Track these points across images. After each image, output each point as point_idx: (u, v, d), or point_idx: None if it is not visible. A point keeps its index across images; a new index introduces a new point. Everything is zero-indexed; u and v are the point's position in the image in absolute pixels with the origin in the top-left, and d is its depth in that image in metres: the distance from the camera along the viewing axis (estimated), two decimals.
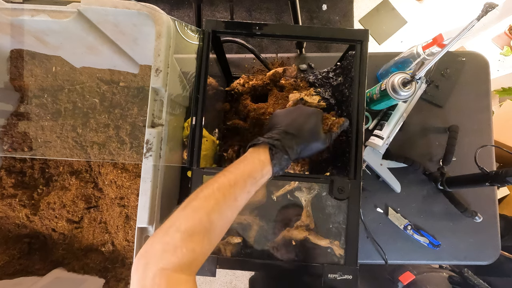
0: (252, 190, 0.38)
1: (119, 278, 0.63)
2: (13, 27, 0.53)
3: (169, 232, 0.32)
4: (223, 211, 0.35)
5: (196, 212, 0.33)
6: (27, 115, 0.64)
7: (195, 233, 0.32)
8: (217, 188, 0.35)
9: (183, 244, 0.31)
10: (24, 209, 0.66)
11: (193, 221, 0.33)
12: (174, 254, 0.31)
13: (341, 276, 0.45)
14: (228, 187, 0.36)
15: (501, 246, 0.73)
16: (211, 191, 0.35)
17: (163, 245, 0.31)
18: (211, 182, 0.36)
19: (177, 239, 0.31)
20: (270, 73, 0.64)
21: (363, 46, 0.50)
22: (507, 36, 1.57)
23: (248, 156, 0.40)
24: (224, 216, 0.35)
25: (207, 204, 0.34)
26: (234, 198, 0.35)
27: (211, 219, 0.33)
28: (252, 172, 0.38)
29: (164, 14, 0.48)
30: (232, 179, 0.36)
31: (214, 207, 0.34)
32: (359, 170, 0.47)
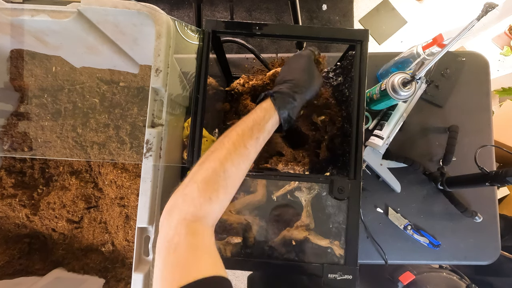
0: (261, 137, 0.40)
1: (119, 278, 0.63)
2: (13, 27, 0.53)
3: (188, 185, 0.35)
4: (235, 159, 0.37)
5: (210, 163, 0.36)
6: (27, 115, 0.64)
7: (210, 182, 0.35)
8: (226, 140, 0.38)
9: (200, 193, 0.34)
10: (24, 209, 0.66)
11: (207, 171, 0.35)
12: (192, 204, 0.34)
13: (341, 276, 0.45)
14: (236, 136, 0.38)
15: (501, 246, 0.73)
16: (222, 144, 0.38)
17: (183, 197, 0.34)
18: (221, 137, 0.39)
19: (194, 189, 0.34)
20: (270, 73, 0.64)
21: (363, 46, 0.50)
22: (507, 36, 1.57)
23: (254, 109, 0.43)
24: (236, 164, 0.37)
25: (219, 155, 0.37)
26: (243, 146, 0.38)
27: (224, 167, 0.36)
28: (256, 119, 0.40)
29: (164, 14, 0.48)
30: (239, 130, 0.39)
31: (226, 156, 0.36)
32: (359, 170, 0.47)
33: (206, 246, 0.33)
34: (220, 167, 0.36)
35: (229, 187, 0.37)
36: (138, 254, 0.47)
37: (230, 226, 0.48)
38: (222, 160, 0.36)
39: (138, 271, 0.46)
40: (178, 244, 0.31)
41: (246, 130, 0.39)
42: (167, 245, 0.32)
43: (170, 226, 0.33)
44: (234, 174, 0.37)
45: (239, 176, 0.38)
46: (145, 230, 0.48)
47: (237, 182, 0.38)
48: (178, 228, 0.32)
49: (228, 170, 0.36)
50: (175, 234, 0.32)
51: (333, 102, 0.61)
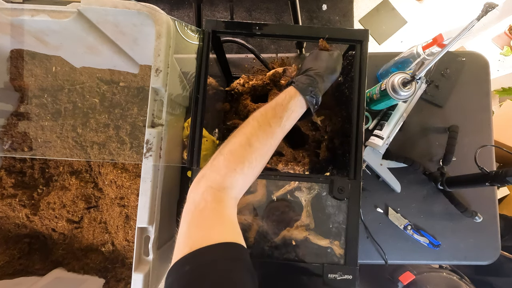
0: (284, 115, 0.41)
1: (119, 278, 0.63)
2: (13, 27, 0.53)
3: (216, 157, 0.38)
4: (259, 135, 0.39)
5: (237, 138, 0.39)
6: (27, 115, 0.64)
7: (235, 153, 0.37)
8: (251, 119, 0.41)
9: (225, 163, 0.37)
10: (24, 209, 0.66)
11: (233, 145, 0.38)
12: (218, 173, 0.36)
13: (341, 276, 0.45)
14: (260, 115, 0.41)
15: (501, 246, 0.73)
16: (247, 122, 0.40)
17: (211, 167, 0.37)
18: (248, 119, 0.42)
19: (221, 160, 0.37)
20: (270, 73, 0.64)
21: (363, 46, 0.50)
22: (507, 36, 1.57)
23: None
24: (261, 139, 0.39)
25: (245, 131, 0.39)
26: (267, 123, 0.40)
27: (249, 141, 0.38)
28: (278, 100, 0.42)
29: (164, 14, 0.48)
30: (262, 110, 0.41)
31: (251, 131, 0.39)
32: (359, 170, 0.47)
33: (229, 215, 0.35)
34: (245, 141, 0.38)
35: (254, 161, 0.38)
36: (138, 254, 0.47)
37: None
38: (248, 135, 0.39)
39: (138, 271, 0.46)
40: (204, 208, 0.34)
41: (269, 109, 0.41)
42: (193, 208, 0.35)
43: (197, 192, 0.36)
44: (259, 149, 0.38)
45: (265, 152, 0.39)
46: (145, 230, 0.48)
47: (262, 158, 0.39)
48: (205, 194, 0.35)
49: (254, 145, 0.38)
50: (201, 199, 0.35)
51: (333, 102, 0.61)
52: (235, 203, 0.37)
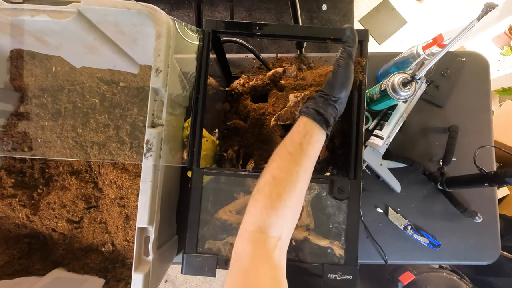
0: (303, 142, 0.40)
1: (119, 278, 0.63)
2: (13, 27, 0.53)
3: (249, 203, 0.38)
4: (281, 166, 0.39)
5: (261, 177, 0.39)
6: (27, 115, 0.64)
7: (261, 191, 0.37)
8: (274, 154, 0.41)
9: (253, 203, 0.37)
10: (24, 209, 0.66)
11: (259, 184, 0.39)
12: (250, 215, 0.37)
13: (341, 276, 0.45)
14: (279, 148, 0.41)
15: (501, 246, 0.73)
16: (271, 160, 0.40)
17: (247, 214, 0.38)
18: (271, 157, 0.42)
19: (251, 203, 0.38)
20: (270, 73, 0.64)
21: (363, 46, 0.50)
22: (507, 36, 1.57)
23: None
24: (285, 169, 0.38)
25: (268, 167, 0.40)
26: (287, 153, 0.39)
27: (273, 175, 0.38)
28: (294, 128, 0.42)
29: (164, 14, 0.48)
30: (282, 143, 0.41)
31: (273, 166, 0.39)
32: (359, 170, 0.47)
33: (266, 256, 0.34)
34: (269, 176, 0.38)
35: (284, 193, 0.37)
36: (138, 254, 0.47)
37: (230, 226, 0.48)
38: (270, 170, 0.39)
39: (138, 271, 0.46)
40: (239, 253, 0.35)
41: (287, 140, 0.41)
42: (233, 255, 0.35)
43: (238, 239, 0.36)
44: (284, 180, 0.37)
45: (292, 181, 0.38)
46: (145, 230, 0.48)
47: (292, 189, 0.38)
48: (241, 237, 0.36)
49: (278, 177, 0.37)
50: (238, 243, 0.36)
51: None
52: (275, 242, 0.35)
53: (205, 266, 0.46)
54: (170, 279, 1.54)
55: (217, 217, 0.48)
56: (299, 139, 0.40)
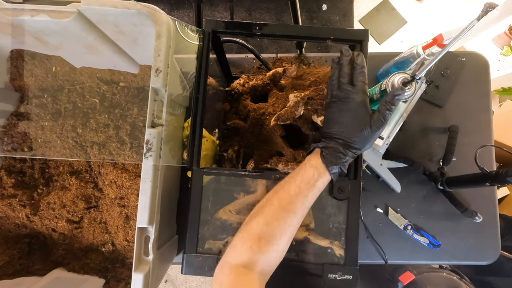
0: (309, 194, 0.39)
1: (119, 278, 0.63)
2: (13, 27, 0.53)
3: (234, 237, 0.39)
4: (279, 216, 0.38)
5: (255, 217, 0.39)
6: (27, 115, 0.64)
7: (250, 232, 0.38)
8: (274, 196, 0.39)
9: (242, 242, 0.38)
10: (24, 209, 0.66)
11: (250, 223, 0.38)
12: (235, 251, 0.38)
13: (341, 276, 0.45)
14: (283, 192, 0.39)
15: (501, 246, 0.73)
16: (266, 201, 0.40)
17: (230, 248, 0.39)
18: (270, 193, 0.41)
19: (237, 239, 0.38)
20: (270, 73, 0.64)
21: (363, 46, 0.50)
22: (507, 36, 1.57)
23: (303, 163, 0.42)
24: (282, 220, 0.38)
25: (264, 210, 0.39)
26: (290, 202, 0.38)
27: (267, 221, 0.38)
28: (305, 177, 0.39)
29: (164, 14, 0.48)
30: (286, 187, 0.39)
31: (270, 212, 0.38)
32: (359, 170, 0.47)
33: (248, 284, 0.35)
34: (263, 220, 0.38)
35: (273, 240, 0.37)
36: (138, 254, 0.47)
37: (230, 226, 0.48)
38: (266, 214, 0.38)
39: (138, 271, 0.46)
40: (222, 281, 0.36)
41: (293, 186, 0.39)
42: (213, 283, 0.36)
43: (219, 271, 0.38)
44: (277, 228, 0.37)
45: (284, 230, 0.38)
46: (145, 230, 0.48)
47: (282, 235, 0.38)
48: (223, 269, 0.37)
49: (271, 224, 0.37)
50: (220, 274, 0.37)
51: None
52: (258, 278, 0.36)
53: (205, 266, 0.46)
54: (170, 279, 1.54)
55: (217, 217, 0.48)
56: (307, 191, 0.38)
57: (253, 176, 0.48)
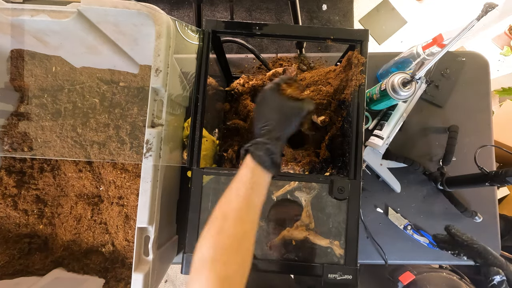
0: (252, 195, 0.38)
1: (119, 278, 0.63)
2: (13, 27, 0.53)
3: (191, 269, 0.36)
4: (227, 231, 0.36)
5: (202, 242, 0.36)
6: (27, 115, 0.64)
7: (202, 260, 0.34)
8: (218, 211, 0.38)
9: (194, 276, 0.34)
10: (24, 209, 0.66)
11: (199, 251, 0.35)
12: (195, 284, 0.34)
13: (341, 276, 0.45)
14: (226, 205, 0.38)
15: (501, 246, 0.73)
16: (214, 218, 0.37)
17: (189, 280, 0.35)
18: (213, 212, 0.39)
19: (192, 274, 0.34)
20: (270, 73, 0.64)
21: (363, 46, 0.50)
22: (507, 36, 1.57)
23: (239, 168, 0.42)
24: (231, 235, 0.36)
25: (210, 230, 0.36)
26: (233, 210, 0.37)
27: (215, 243, 0.35)
28: (240, 178, 0.39)
29: (164, 14, 0.48)
30: (227, 197, 0.39)
31: (215, 230, 0.36)
32: (359, 170, 0.47)
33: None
34: (208, 244, 0.35)
35: (227, 261, 0.34)
36: (138, 254, 0.47)
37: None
38: (213, 235, 0.36)
39: (138, 271, 0.46)
40: None
41: (233, 195, 0.38)
42: None
43: None
44: (228, 247, 0.35)
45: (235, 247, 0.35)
46: (145, 230, 0.48)
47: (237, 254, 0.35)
48: None
49: (219, 244, 0.35)
50: None
51: (334, 102, 0.61)
52: None
53: None
54: (170, 279, 1.54)
55: None
56: (245, 191, 0.38)
57: None
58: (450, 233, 0.56)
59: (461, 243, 0.54)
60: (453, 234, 0.55)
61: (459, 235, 0.54)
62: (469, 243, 0.53)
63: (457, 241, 0.55)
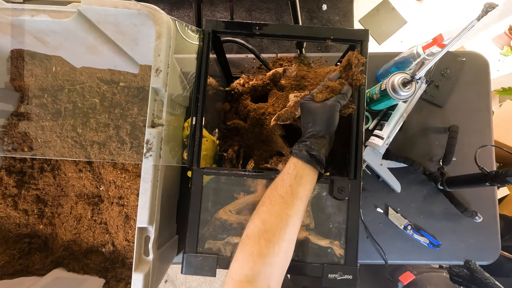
0: (293, 184, 0.40)
1: (119, 278, 0.63)
2: (13, 27, 0.53)
3: (237, 247, 0.38)
4: (272, 210, 0.38)
5: (251, 221, 0.38)
6: (27, 115, 0.64)
7: (249, 236, 0.37)
8: (264, 196, 0.40)
9: (241, 248, 0.36)
10: (24, 209, 0.66)
11: (247, 228, 0.38)
12: (237, 262, 0.36)
13: (341, 276, 0.45)
14: (270, 190, 0.40)
15: (501, 246, 0.73)
16: (261, 202, 0.40)
17: (233, 259, 0.37)
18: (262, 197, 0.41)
19: (239, 247, 0.37)
20: (270, 73, 0.64)
21: (363, 46, 0.50)
22: (507, 36, 1.57)
23: None
24: (276, 213, 0.37)
25: (258, 211, 0.39)
26: (278, 196, 0.39)
27: (263, 219, 0.37)
28: (285, 170, 0.42)
29: (164, 14, 0.48)
30: (272, 185, 0.41)
31: (263, 209, 0.38)
32: (359, 170, 0.47)
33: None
34: (258, 220, 0.37)
35: (273, 238, 0.35)
36: (138, 254, 0.47)
37: (230, 226, 0.48)
38: (260, 214, 0.38)
39: (138, 271, 0.46)
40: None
41: (278, 182, 0.41)
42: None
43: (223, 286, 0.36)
44: (274, 224, 0.36)
45: (282, 226, 0.37)
46: (145, 230, 0.48)
47: (281, 233, 0.36)
48: (227, 286, 0.35)
49: (267, 221, 0.37)
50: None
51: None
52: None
53: (205, 266, 0.46)
54: (170, 279, 1.54)
55: (217, 217, 0.48)
56: (290, 181, 0.40)
57: (253, 176, 0.48)
58: (469, 268, 0.54)
59: (480, 280, 0.52)
60: (473, 270, 0.54)
61: (479, 271, 0.53)
62: (489, 283, 0.51)
63: (475, 278, 0.53)
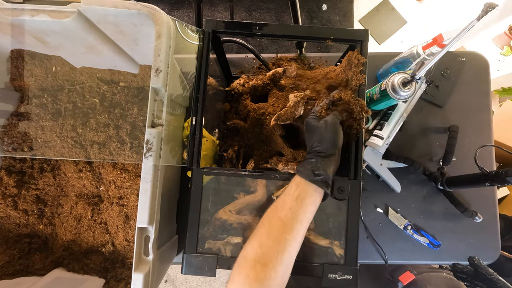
0: (294, 206, 0.39)
1: (119, 278, 0.63)
2: (13, 27, 0.53)
3: (232, 268, 0.37)
4: (271, 233, 0.37)
5: (248, 242, 0.38)
6: (27, 115, 0.64)
7: (245, 258, 0.36)
8: (264, 217, 0.40)
9: (237, 272, 0.36)
10: (24, 209, 0.66)
11: (244, 249, 0.38)
12: (233, 283, 0.35)
13: (341, 276, 0.45)
14: (270, 210, 0.40)
15: (501, 246, 0.73)
16: (260, 223, 0.39)
17: (229, 280, 0.36)
18: (262, 217, 0.41)
19: (234, 268, 0.37)
20: (270, 73, 0.64)
21: (363, 46, 0.50)
22: (507, 36, 1.57)
23: None
24: (273, 236, 0.37)
25: (257, 233, 0.38)
26: (277, 218, 0.38)
27: (260, 242, 0.37)
28: (287, 191, 0.41)
29: (164, 14, 0.48)
30: (273, 205, 0.41)
31: (262, 231, 0.38)
32: (359, 170, 0.47)
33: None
34: (256, 243, 0.37)
35: (268, 263, 0.35)
36: (138, 254, 0.47)
37: (230, 226, 0.48)
38: (258, 236, 0.38)
39: (138, 271, 0.46)
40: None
41: (279, 202, 0.40)
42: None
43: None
44: (271, 248, 0.36)
45: (280, 250, 0.36)
46: (145, 230, 0.48)
47: (278, 258, 0.36)
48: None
49: (264, 245, 0.36)
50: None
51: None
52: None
53: (205, 266, 0.46)
54: (170, 279, 1.54)
55: (217, 217, 0.48)
56: (290, 203, 0.38)
57: (253, 176, 0.48)
58: (473, 264, 0.54)
59: (484, 276, 0.52)
60: (477, 266, 0.53)
61: (483, 267, 0.53)
62: (493, 278, 0.51)
63: (479, 274, 0.52)
